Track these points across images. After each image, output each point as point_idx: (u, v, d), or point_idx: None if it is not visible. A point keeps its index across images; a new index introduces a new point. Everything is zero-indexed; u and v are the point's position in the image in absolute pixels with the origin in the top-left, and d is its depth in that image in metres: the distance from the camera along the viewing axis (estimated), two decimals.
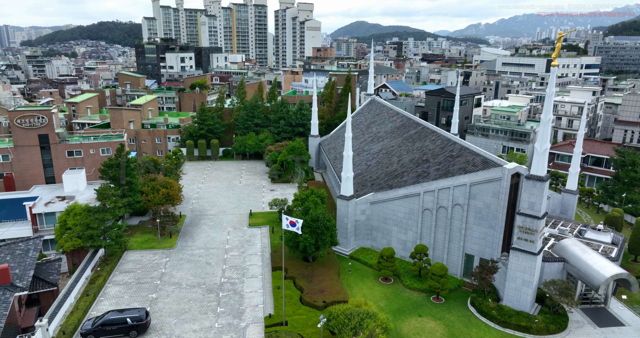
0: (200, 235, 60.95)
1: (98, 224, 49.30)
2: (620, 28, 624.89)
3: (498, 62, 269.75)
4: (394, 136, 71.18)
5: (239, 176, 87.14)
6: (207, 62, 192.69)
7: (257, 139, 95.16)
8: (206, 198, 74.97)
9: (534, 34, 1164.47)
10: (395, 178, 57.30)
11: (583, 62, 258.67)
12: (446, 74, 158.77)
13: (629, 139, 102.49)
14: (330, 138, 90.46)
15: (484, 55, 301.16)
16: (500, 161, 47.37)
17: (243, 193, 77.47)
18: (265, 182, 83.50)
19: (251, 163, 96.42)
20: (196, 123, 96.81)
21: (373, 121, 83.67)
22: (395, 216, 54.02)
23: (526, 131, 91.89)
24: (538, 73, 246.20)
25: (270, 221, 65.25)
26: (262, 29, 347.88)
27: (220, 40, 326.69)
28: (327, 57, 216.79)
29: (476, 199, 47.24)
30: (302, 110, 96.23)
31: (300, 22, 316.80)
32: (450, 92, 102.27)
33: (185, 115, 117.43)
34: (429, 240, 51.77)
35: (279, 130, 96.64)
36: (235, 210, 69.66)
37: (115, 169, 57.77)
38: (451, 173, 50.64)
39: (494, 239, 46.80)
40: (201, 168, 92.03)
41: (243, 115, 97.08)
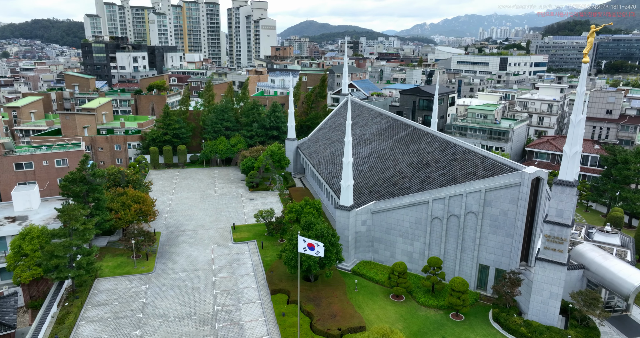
0: (180, 254, 54.33)
1: (65, 251, 41.89)
2: (555, 28, 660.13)
3: (453, 60, 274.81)
4: (382, 138, 67.38)
5: (213, 184, 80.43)
6: (162, 61, 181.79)
7: (229, 144, 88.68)
8: (180, 211, 68.00)
9: (476, 34, 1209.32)
10: (396, 185, 53.37)
11: (532, 61, 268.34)
12: (411, 73, 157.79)
13: (597, 135, 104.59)
14: (309, 141, 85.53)
15: (439, 54, 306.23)
16: (514, 164, 44.51)
17: (220, 203, 71.06)
18: (243, 190, 77.38)
19: (223, 169, 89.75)
20: (160, 128, 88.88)
21: (355, 123, 79.60)
22: (400, 226, 50.07)
23: (505, 130, 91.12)
24: (492, 71, 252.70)
25: (257, 234, 59.58)
26: (214, 27, 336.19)
27: (171, 39, 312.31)
28: (287, 56, 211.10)
29: (492, 206, 44.10)
30: (275, 112, 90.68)
31: (254, 21, 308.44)
32: (426, 91, 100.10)
33: (144, 119, 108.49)
34: (439, 250, 48.21)
35: (252, 134, 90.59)
36: (216, 224, 63.33)
37: (79, 185, 50.15)
38: (459, 178, 47.31)
39: (511, 248, 43.84)
40: (168, 177, 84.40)
41: (212, 118, 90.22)
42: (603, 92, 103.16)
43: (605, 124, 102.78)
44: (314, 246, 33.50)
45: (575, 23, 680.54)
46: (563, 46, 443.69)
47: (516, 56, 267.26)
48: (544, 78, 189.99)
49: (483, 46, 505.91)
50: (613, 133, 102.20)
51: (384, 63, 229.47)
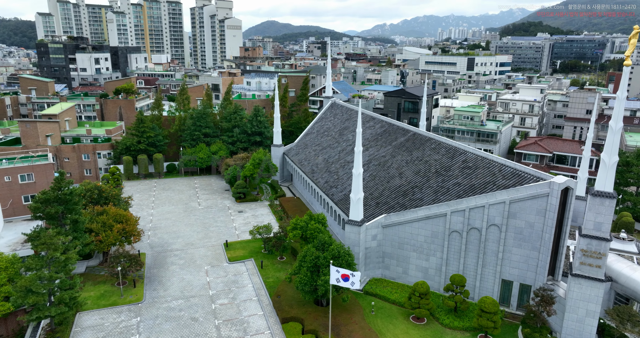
0: (171, 279, 48.91)
1: (44, 286, 35.98)
2: (511, 29, 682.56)
3: (421, 61, 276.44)
4: (379, 144, 63.99)
5: (195, 196, 74.74)
6: (125, 63, 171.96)
7: (209, 152, 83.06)
8: (164, 227, 62.20)
9: (435, 34, 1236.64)
10: (406, 196, 50.01)
11: (498, 61, 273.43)
12: (386, 74, 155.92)
13: (578, 135, 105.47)
14: (296, 147, 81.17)
15: (407, 54, 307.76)
16: (536, 172, 42.02)
17: (207, 217, 65.69)
18: (229, 202, 72.17)
19: (204, 178, 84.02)
20: (134, 135, 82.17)
21: (345, 127, 75.98)
22: (414, 241, 46.71)
23: (493, 132, 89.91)
24: (460, 71, 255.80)
25: (253, 252, 54.84)
26: (177, 27, 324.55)
27: (132, 39, 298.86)
28: (257, 57, 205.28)
29: (517, 219, 41.38)
30: (258, 116, 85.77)
31: (219, 21, 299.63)
32: (411, 93, 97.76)
33: (112, 125, 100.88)
34: (457, 266, 45.16)
35: (234, 140, 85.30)
36: (205, 241, 58.05)
37: (54, 205, 43.98)
38: (478, 189, 44.44)
39: (538, 262, 41.26)
40: (145, 189, 77.97)
41: (190, 124, 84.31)
42: (582, 92, 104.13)
43: (586, 124, 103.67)
44: (349, 277, 29.43)
45: (529, 24, 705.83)
46: (521, 46, 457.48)
47: (482, 56, 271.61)
48: (513, 78, 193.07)
49: (445, 46, 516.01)
50: (594, 132, 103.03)
51: (354, 64, 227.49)
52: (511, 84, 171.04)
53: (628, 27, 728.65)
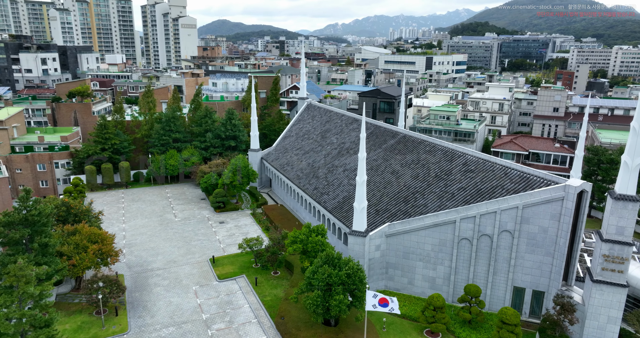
0: (157, 303, 44.13)
1: (16, 326, 30.69)
2: (460, 29, 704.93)
3: (380, 60, 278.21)
4: (368, 147, 61.38)
5: (169, 206, 69.35)
6: (75, 63, 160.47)
7: (181, 158, 77.65)
8: (140, 243, 56.80)
9: (386, 34, 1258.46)
10: (407, 202, 47.68)
11: (454, 60, 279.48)
12: (352, 74, 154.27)
13: (546, 133, 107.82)
14: (275, 151, 77.31)
15: (366, 53, 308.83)
16: (545, 175, 40.81)
17: (186, 230, 60.77)
18: (207, 212, 67.42)
19: (176, 187, 78.48)
20: (96, 142, 75.45)
21: (327, 129, 73.02)
22: (421, 250, 44.45)
23: (470, 131, 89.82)
24: (419, 70, 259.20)
25: (243, 267, 50.81)
26: (127, 26, 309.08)
27: (78, 38, 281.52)
28: (216, 57, 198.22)
29: (529, 224, 39.95)
30: (231, 120, 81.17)
31: (173, 19, 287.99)
32: (386, 93, 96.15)
33: (67, 131, 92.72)
34: (467, 274, 43.31)
35: (207, 145, 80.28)
36: (189, 257, 53.35)
37: (19, 229, 38.24)
38: (486, 193, 42.74)
39: (552, 268, 40.03)
40: (112, 201, 71.66)
41: (158, 129, 78.50)
42: (550, 91, 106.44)
43: (554, 121, 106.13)
44: (388, 302, 26.47)
45: (476, 24, 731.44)
46: (471, 46, 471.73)
47: (440, 55, 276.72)
48: (474, 77, 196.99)
49: (400, 46, 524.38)
50: (561, 130, 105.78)
51: (316, 63, 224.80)
52: (473, 82, 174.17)
53: (565, 27, 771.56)
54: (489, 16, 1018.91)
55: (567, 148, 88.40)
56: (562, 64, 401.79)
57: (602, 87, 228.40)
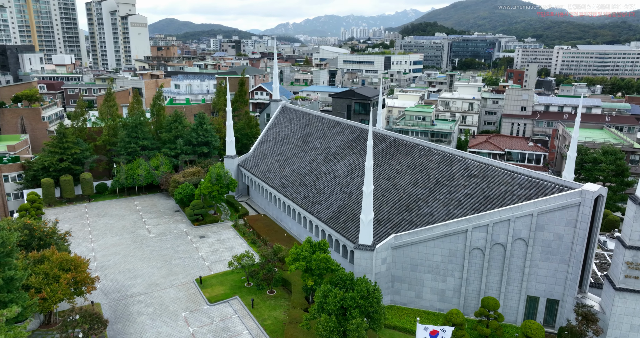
0: (144, 335, 39.23)
1: None
2: (410, 29, 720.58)
3: (339, 60, 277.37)
4: (356, 151, 58.78)
5: (140, 221, 63.60)
6: (16, 64, 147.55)
7: (149, 167, 71.79)
8: (114, 265, 51.17)
9: (337, 33, 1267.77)
10: (411, 211, 45.29)
11: (411, 59, 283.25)
12: (318, 74, 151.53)
13: (515, 131, 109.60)
14: (253, 157, 73.02)
15: (324, 53, 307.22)
16: (557, 179, 39.56)
17: (164, 248, 55.58)
18: (184, 225, 62.32)
19: (145, 198, 72.47)
20: (53, 152, 68.24)
21: (308, 134, 69.69)
22: (429, 261, 42.15)
23: (447, 131, 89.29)
24: (377, 70, 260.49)
25: (235, 287, 46.66)
26: (71, 24, 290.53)
27: (15, 37, 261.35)
28: (172, 57, 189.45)
29: (544, 231, 38.52)
30: (203, 124, 76.08)
31: (121, 17, 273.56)
32: (361, 94, 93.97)
33: (14, 139, 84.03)
34: (478, 285, 41.45)
35: (177, 152, 74.77)
36: (172, 279, 48.46)
37: None
38: (496, 201, 41.02)
39: (567, 275, 38.81)
40: (75, 217, 64.94)
41: (123, 136, 72.19)
42: (517, 90, 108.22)
43: (522, 120, 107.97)
44: (438, 332, 23.70)
45: (426, 24, 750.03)
46: (423, 45, 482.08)
47: (397, 55, 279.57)
48: (434, 76, 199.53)
49: (354, 45, 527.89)
50: (529, 128, 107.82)
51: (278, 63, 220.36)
52: (434, 82, 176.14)
53: (507, 28, 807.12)
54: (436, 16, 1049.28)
55: (540, 147, 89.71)
56: (509, 63, 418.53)
57: (549, 86, 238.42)
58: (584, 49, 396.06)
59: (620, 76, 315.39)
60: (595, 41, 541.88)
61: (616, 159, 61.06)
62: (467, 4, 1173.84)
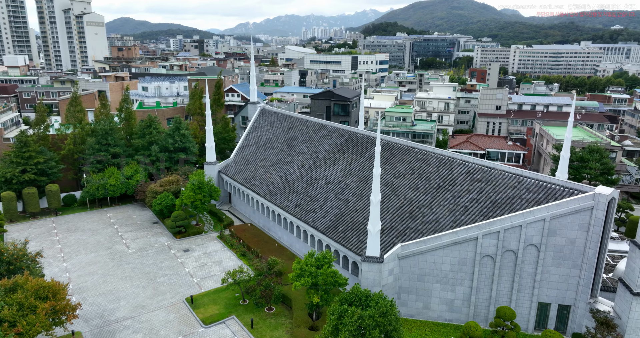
0: None
1: None
2: (371, 29, 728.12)
3: (306, 60, 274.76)
4: (348, 156, 56.54)
5: (117, 235, 58.95)
6: None
7: (122, 176, 66.98)
8: (92, 287, 46.71)
9: (298, 33, 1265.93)
10: (414, 218, 43.46)
11: (377, 59, 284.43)
12: (289, 74, 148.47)
13: (491, 130, 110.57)
14: (234, 163, 69.45)
15: (290, 53, 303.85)
16: (570, 183, 38.64)
17: (146, 264, 51.44)
18: (165, 238, 58.19)
19: (119, 210, 67.53)
20: (15, 163, 62.37)
21: (292, 137, 66.90)
22: (438, 271, 40.43)
23: (428, 132, 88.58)
24: (345, 70, 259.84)
25: (229, 305, 43.42)
26: (19, 23, 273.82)
27: None
28: (134, 58, 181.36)
29: (556, 236, 37.54)
30: (179, 129, 71.86)
31: (76, 16, 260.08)
32: (340, 95, 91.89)
33: None
34: (489, 293, 40.10)
35: (152, 159, 70.23)
36: (159, 299, 44.63)
37: None
38: (504, 206, 39.75)
39: (579, 280, 38.01)
40: (42, 233, 59.50)
41: (92, 143, 67.02)
42: (492, 89, 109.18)
43: (497, 119, 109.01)
44: None
45: (386, 24, 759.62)
46: (385, 45, 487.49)
47: (364, 54, 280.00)
48: (404, 76, 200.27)
49: (318, 45, 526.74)
50: (504, 127, 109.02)
51: (242, 63, 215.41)
52: (404, 81, 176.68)
53: (464, 28, 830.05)
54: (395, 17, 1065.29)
55: (519, 146, 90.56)
56: (468, 62, 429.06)
57: (511, 84, 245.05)
58: (539, 48, 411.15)
59: (573, 74, 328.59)
60: (547, 41, 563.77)
61: (602, 157, 61.67)
62: (425, 5, 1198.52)
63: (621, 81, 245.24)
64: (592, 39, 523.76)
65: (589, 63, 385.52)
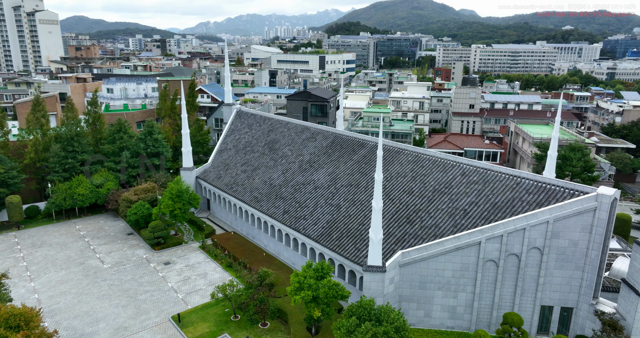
0: None
1: None
2: (335, 28, 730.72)
3: (273, 59, 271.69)
4: (333, 159, 54.65)
5: (89, 249, 54.72)
6: None
7: (92, 185, 62.53)
8: (66, 308, 42.75)
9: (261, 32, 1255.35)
10: (412, 223, 42.02)
11: (344, 58, 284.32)
12: (259, 75, 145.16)
13: (465, 129, 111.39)
14: (213, 168, 66.17)
15: (256, 53, 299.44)
16: (570, 184, 38.15)
17: (124, 280, 47.75)
18: (143, 251, 54.47)
19: (89, 221, 62.99)
20: None
21: (274, 140, 64.38)
22: (440, 277, 39.10)
23: (407, 132, 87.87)
24: (312, 69, 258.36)
25: (220, 322, 40.65)
26: None
27: None
28: (93, 58, 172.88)
29: (559, 238, 36.92)
30: (152, 134, 67.91)
31: (28, 14, 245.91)
32: (317, 96, 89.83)
33: None
34: (491, 298, 39.13)
35: (123, 166, 65.98)
36: (142, 319, 41.27)
37: None
38: (506, 208, 38.90)
39: (581, 282, 37.56)
40: (3, 249, 54.47)
41: (57, 150, 62.18)
42: (465, 88, 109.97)
43: (471, 118, 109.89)
44: None
45: (349, 24, 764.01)
46: (350, 44, 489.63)
47: (331, 54, 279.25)
48: (374, 75, 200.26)
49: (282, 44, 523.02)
50: (478, 125, 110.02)
51: (208, 64, 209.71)
52: (374, 81, 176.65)
53: (425, 27, 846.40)
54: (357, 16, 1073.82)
55: (496, 144, 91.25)
56: (431, 61, 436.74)
57: (474, 83, 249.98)
58: (498, 47, 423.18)
59: (530, 72, 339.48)
60: (504, 40, 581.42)
61: (583, 155, 62.44)
62: (386, 5, 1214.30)
63: (576, 79, 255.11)
64: (545, 38, 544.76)
65: (545, 62, 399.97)
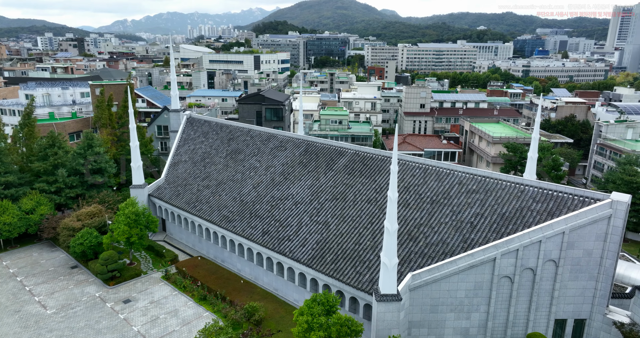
0: None
1: None
2: (262, 27, 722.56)
3: (204, 59, 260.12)
4: (311, 170, 49.91)
5: (23, 291, 45.40)
6: None
7: (20, 211, 52.64)
8: None
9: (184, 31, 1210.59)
10: (416, 240, 38.40)
11: (279, 58, 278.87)
12: (197, 76, 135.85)
13: (417, 129, 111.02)
14: (168, 184, 58.51)
15: (185, 52, 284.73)
16: (579, 190, 36.44)
17: (77, 329, 39.63)
18: (94, 287, 46.18)
19: (19, 255, 52.87)
20: None
21: (236, 150, 58.24)
22: (452, 299, 35.82)
23: (367, 135, 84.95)
24: (247, 69, 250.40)
25: None
26: None
27: None
28: (1, 59, 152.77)
29: (574, 249, 35.05)
30: (92, 147, 58.87)
31: None
32: (271, 98, 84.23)
33: None
34: (505, 316, 36.56)
35: (59, 186, 56.39)
36: None
37: None
38: (516, 218, 36.50)
39: (594, 292, 36.03)
40: None
41: None
42: (415, 88, 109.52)
43: (423, 117, 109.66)
44: None
45: (277, 23, 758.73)
46: (279, 44, 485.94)
47: (266, 54, 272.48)
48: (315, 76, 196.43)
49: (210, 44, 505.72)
50: (430, 125, 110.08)
51: (135, 64, 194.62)
52: (316, 81, 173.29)
53: (350, 27, 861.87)
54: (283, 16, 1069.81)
55: (453, 144, 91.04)
56: (360, 60, 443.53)
57: (407, 81, 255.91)
58: (424, 46, 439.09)
59: (454, 70, 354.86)
60: (425, 39, 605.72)
61: (551, 154, 62.77)
62: (311, 4, 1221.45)
63: (497, 76, 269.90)
64: (463, 37, 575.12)
65: (467, 60, 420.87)
